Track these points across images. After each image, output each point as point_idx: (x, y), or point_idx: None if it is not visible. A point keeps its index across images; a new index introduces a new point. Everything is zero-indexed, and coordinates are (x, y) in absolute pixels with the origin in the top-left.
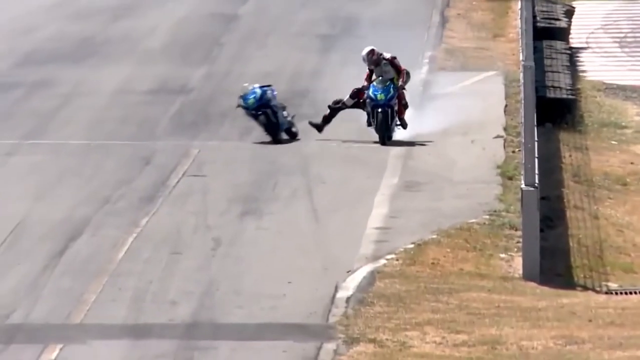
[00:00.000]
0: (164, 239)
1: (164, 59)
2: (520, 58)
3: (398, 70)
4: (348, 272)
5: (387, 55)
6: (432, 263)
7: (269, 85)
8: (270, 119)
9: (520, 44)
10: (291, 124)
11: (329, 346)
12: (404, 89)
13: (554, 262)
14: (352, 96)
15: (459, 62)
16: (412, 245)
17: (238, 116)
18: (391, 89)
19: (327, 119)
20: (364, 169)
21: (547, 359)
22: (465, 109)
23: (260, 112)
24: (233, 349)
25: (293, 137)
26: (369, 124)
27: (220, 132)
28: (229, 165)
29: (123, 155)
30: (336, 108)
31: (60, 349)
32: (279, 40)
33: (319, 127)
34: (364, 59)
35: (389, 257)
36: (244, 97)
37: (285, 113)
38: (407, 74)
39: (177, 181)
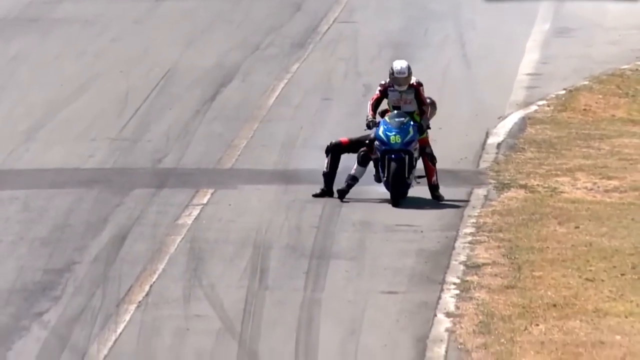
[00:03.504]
0: (315, 85)
1: None
2: None
3: (421, 102)
4: (499, 118)
5: (414, 80)
6: (584, 109)
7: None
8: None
9: None
10: None
11: (480, 191)
12: (429, 129)
13: None
14: (361, 162)
15: None
16: (563, 91)
17: None
18: (410, 129)
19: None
20: (515, 14)
21: None
22: None
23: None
24: (384, 193)
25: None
26: (378, 179)
27: None
28: (379, 12)
29: (273, 1)
30: (351, 184)
31: (212, 194)
32: None
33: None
34: (397, 75)
35: (540, 103)
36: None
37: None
38: (434, 104)
39: (327, 27)
